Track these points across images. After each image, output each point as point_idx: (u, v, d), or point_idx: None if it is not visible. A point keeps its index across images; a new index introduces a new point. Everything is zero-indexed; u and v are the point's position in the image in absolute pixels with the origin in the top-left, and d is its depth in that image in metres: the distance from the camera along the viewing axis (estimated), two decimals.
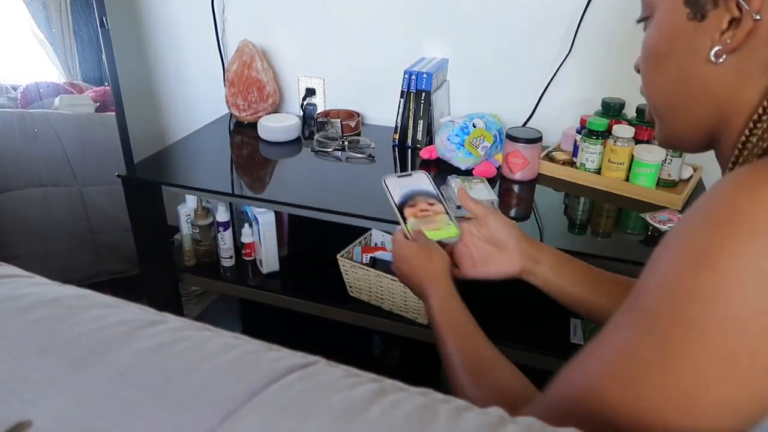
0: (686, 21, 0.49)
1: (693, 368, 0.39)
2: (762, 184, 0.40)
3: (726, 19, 0.47)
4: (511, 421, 0.37)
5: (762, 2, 0.45)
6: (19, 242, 1.79)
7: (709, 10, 0.48)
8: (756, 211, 0.39)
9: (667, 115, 0.57)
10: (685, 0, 0.49)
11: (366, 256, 1.37)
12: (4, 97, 1.76)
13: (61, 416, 0.37)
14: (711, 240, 0.40)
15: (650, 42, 0.54)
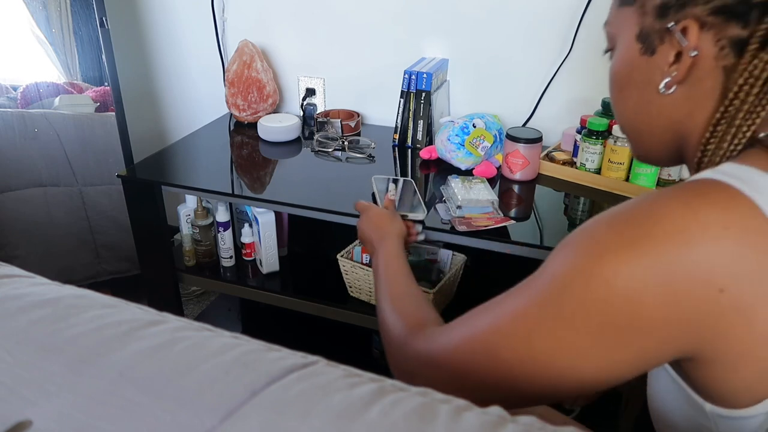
0: (640, 55, 0.56)
1: (574, 336, 0.46)
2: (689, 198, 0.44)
3: (672, 53, 0.52)
4: (511, 421, 0.37)
5: (698, 39, 0.50)
6: (19, 242, 1.79)
7: (657, 46, 0.54)
8: (661, 232, 0.43)
9: (635, 136, 0.62)
10: (636, 36, 0.56)
11: (366, 256, 1.37)
12: (4, 97, 1.76)
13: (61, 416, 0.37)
14: (610, 237, 0.45)
15: (613, 72, 0.61)
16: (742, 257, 0.42)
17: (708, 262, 0.42)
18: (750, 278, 0.42)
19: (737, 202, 0.44)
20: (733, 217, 0.43)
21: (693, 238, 0.43)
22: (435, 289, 1.24)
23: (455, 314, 0.57)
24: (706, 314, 0.43)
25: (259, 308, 1.86)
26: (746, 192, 0.44)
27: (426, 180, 1.42)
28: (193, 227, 1.51)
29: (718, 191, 0.45)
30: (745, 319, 0.43)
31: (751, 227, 0.43)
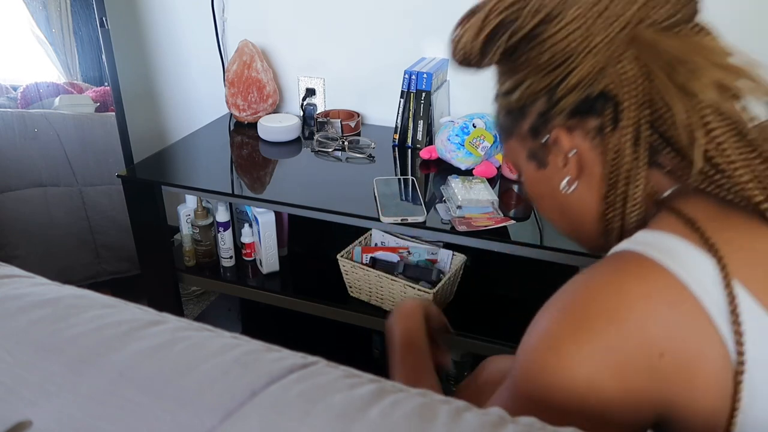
0: (537, 170, 0.62)
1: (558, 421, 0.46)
2: (609, 284, 0.48)
3: (559, 159, 0.59)
4: (511, 421, 0.37)
5: (570, 141, 0.57)
6: (19, 242, 1.79)
7: (546, 158, 0.60)
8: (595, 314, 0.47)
9: (576, 236, 0.66)
10: (527, 158, 0.63)
11: (366, 256, 1.37)
12: (4, 97, 1.76)
13: (61, 416, 0.37)
14: (561, 329, 0.48)
15: (526, 192, 0.67)
16: (668, 320, 0.46)
17: (641, 332, 0.46)
18: (681, 337, 0.46)
19: (651, 270, 0.47)
20: (651, 286, 0.47)
21: (621, 314, 0.46)
22: (435, 289, 1.24)
23: (455, 314, 0.57)
24: (655, 380, 0.46)
25: (259, 308, 1.86)
26: (657, 258, 0.48)
27: (426, 180, 1.42)
28: (193, 227, 1.51)
29: (633, 263, 0.49)
30: (688, 377, 0.46)
31: (667, 291, 0.46)
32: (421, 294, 1.25)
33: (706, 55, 0.51)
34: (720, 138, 0.49)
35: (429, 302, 0.92)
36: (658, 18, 0.52)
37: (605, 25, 0.52)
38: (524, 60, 0.57)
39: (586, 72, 0.53)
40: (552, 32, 0.54)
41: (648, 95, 0.52)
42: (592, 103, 0.54)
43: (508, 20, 0.57)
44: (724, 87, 0.50)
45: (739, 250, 0.47)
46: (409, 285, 1.26)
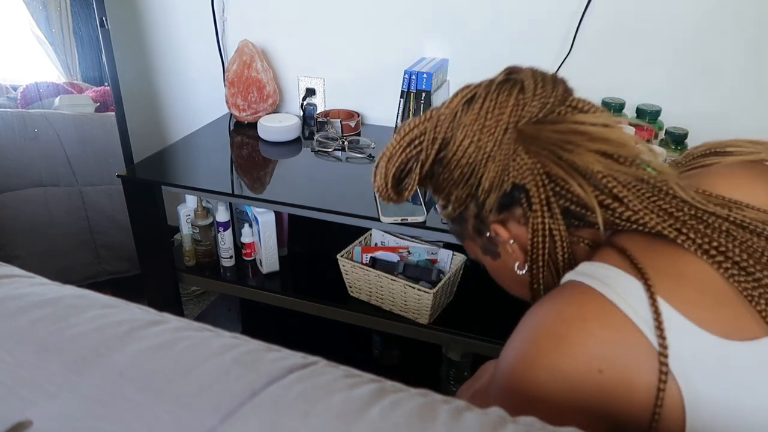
0: (494, 261, 0.71)
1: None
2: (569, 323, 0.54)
3: (506, 247, 0.67)
4: (511, 421, 0.37)
5: (508, 232, 0.65)
6: (19, 242, 1.79)
7: (496, 249, 0.69)
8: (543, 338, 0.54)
9: (535, 300, 0.71)
10: (482, 252, 0.72)
11: (366, 256, 1.37)
12: (4, 97, 1.76)
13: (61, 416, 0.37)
14: (521, 354, 0.55)
15: (493, 277, 0.76)
16: (604, 339, 0.52)
17: (581, 351, 0.52)
18: (617, 354, 0.51)
19: (588, 296, 0.54)
20: (587, 310, 0.54)
21: (562, 336, 0.53)
22: (435, 289, 1.24)
23: (455, 314, 0.58)
24: (599, 396, 0.51)
25: (259, 308, 1.86)
26: (593, 285, 0.54)
27: None
28: (193, 227, 1.51)
29: (573, 291, 0.56)
30: (629, 392, 0.51)
31: (601, 313, 0.53)
32: (421, 294, 1.25)
33: (583, 133, 0.59)
34: (615, 190, 0.58)
35: None
36: (532, 113, 0.61)
37: (489, 134, 0.61)
38: (442, 179, 0.66)
39: (493, 175, 0.62)
40: (452, 153, 0.63)
41: (548, 176, 0.60)
42: (510, 197, 0.62)
43: (411, 156, 0.66)
44: (605, 155, 0.58)
45: (665, 273, 0.54)
46: (409, 285, 1.26)
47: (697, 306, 0.52)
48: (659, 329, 0.50)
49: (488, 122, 0.61)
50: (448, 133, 0.64)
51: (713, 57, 1.38)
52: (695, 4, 1.34)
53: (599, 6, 1.41)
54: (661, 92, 1.44)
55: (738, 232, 0.55)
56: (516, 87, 0.62)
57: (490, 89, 0.63)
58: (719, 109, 1.41)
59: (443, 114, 0.65)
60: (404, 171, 0.68)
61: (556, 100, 0.61)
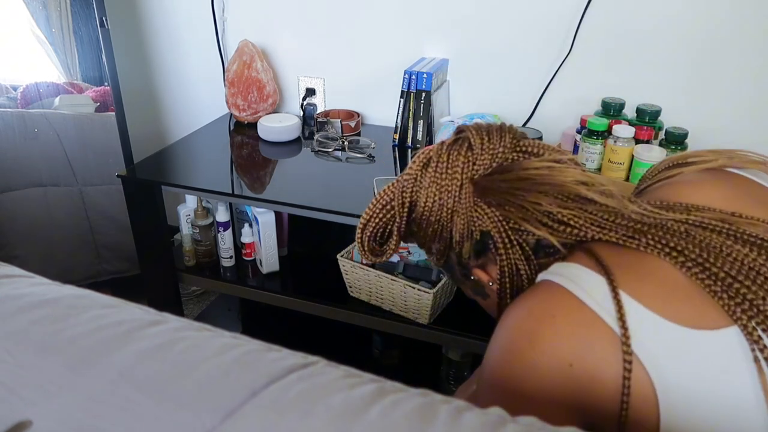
0: (484, 300, 0.78)
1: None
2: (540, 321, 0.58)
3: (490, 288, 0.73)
4: (512, 421, 0.37)
5: (487, 275, 0.71)
6: (19, 242, 1.79)
7: (484, 290, 0.75)
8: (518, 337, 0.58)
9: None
10: (473, 294, 0.78)
11: None
12: (4, 97, 1.76)
13: (61, 416, 0.37)
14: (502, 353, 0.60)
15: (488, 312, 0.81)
16: (572, 334, 0.56)
17: (551, 347, 0.56)
18: (585, 347, 0.55)
19: (556, 293, 0.59)
20: (555, 307, 0.58)
21: (534, 333, 0.57)
22: (435, 289, 1.24)
23: (455, 314, 0.58)
24: (571, 388, 0.54)
25: (259, 308, 1.86)
26: (562, 283, 0.59)
27: None
28: (193, 227, 1.51)
29: (543, 289, 0.61)
30: (599, 384, 0.54)
31: (569, 309, 0.57)
32: (421, 294, 1.25)
33: (527, 179, 0.65)
34: (560, 215, 0.63)
35: None
36: (485, 165, 0.67)
37: (447, 192, 0.67)
38: (420, 235, 0.72)
39: (461, 227, 0.67)
40: (420, 213, 0.70)
41: (506, 220, 0.65)
42: (482, 243, 0.68)
43: (387, 220, 0.73)
44: (549, 193, 0.64)
45: (629, 271, 0.58)
46: (409, 285, 1.26)
47: (660, 299, 0.56)
48: (621, 319, 0.54)
49: (444, 182, 0.67)
50: (413, 195, 0.70)
51: (713, 57, 1.38)
52: (695, 4, 1.34)
53: (599, 6, 1.41)
54: (661, 92, 1.44)
55: (697, 231, 0.60)
56: (464, 145, 0.68)
57: (441, 151, 0.69)
58: (719, 108, 1.41)
59: (405, 179, 0.71)
60: (384, 233, 0.75)
61: (505, 149, 0.67)
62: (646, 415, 0.53)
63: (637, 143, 1.29)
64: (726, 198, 0.65)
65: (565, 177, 0.65)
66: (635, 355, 0.53)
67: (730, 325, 0.54)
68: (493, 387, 0.59)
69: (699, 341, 0.54)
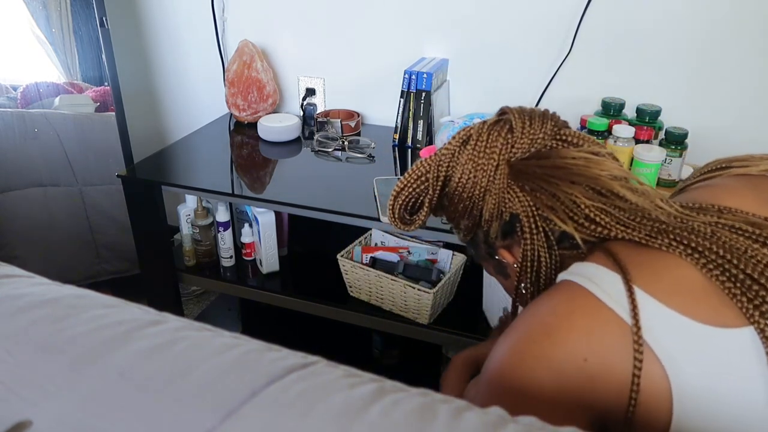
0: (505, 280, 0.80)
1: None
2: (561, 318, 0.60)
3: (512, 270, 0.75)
4: (512, 421, 0.37)
5: (512, 256, 0.73)
6: (19, 242, 1.79)
7: (505, 270, 0.77)
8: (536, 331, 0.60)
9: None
10: (495, 272, 0.80)
11: (366, 256, 1.37)
12: (4, 97, 1.76)
13: (61, 416, 0.37)
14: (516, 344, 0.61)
15: (505, 292, 0.83)
16: (590, 331, 0.57)
17: (568, 341, 0.57)
18: (600, 343, 0.56)
19: (577, 292, 0.60)
20: (575, 305, 0.59)
21: (553, 329, 0.59)
22: (435, 289, 1.24)
23: (455, 314, 0.58)
24: (583, 383, 0.56)
25: (259, 308, 1.86)
26: (581, 282, 0.60)
27: None
28: (193, 227, 1.51)
29: (564, 289, 0.62)
30: (613, 381, 0.55)
31: (587, 307, 0.58)
32: (421, 294, 1.25)
33: (563, 167, 0.66)
34: (587, 211, 0.64)
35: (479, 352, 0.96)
36: (523, 149, 0.67)
37: (483, 171, 0.68)
38: (451, 209, 0.74)
39: (491, 206, 0.69)
40: (453, 188, 0.71)
41: (536, 206, 0.66)
42: (510, 225, 0.69)
43: (420, 191, 0.74)
44: (583, 185, 0.65)
45: (647, 269, 0.59)
46: (409, 285, 1.26)
47: (676, 296, 0.57)
48: (633, 311, 0.55)
49: (481, 160, 0.68)
50: (449, 170, 0.71)
51: (713, 56, 1.38)
52: (695, 4, 1.34)
53: (599, 6, 1.41)
54: (661, 92, 1.44)
55: (723, 233, 0.60)
56: (505, 127, 0.68)
57: (482, 130, 0.69)
58: (719, 108, 1.41)
59: (443, 153, 0.71)
60: (416, 204, 0.76)
61: (545, 136, 0.68)
62: (658, 410, 0.54)
63: (637, 143, 1.29)
64: (759, 203, 0.65)
65: (601, 170, 0.65)
66: (650, 347, 0.54)
67: (746, 326, 0.55)
68: (501, 376, 0.60)
69: (713, 338, 0.54)
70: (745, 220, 0.62)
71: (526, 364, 0.58)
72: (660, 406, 0.54)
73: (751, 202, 0.65)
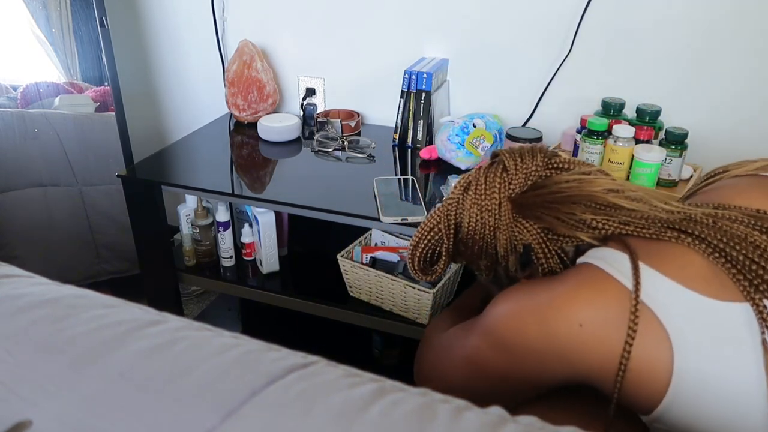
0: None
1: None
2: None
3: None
4: (512, 421, 0.37)
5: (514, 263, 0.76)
6: (19, 242, 1.79)
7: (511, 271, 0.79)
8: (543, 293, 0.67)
9: None
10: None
11: (366, 256, 1.37)
12: (4, 97, 1.76)
13: (61, 416, 0.37)
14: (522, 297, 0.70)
15: None
16: (592, 301, 0.63)
17: (567, 308, 0.63)
18: (601, 314, 0.62)
19: (590, 270, 0.66)
20: (583, 277, 0.65)
21: (556, 295, 0.65)
22: (435, 289, 1.24)
23: None
24: (574, 345, 0.62)
25: (259, 308, 1.86)
26: (594, 262, 0.66)
27: (426, 180, 1.42)
28: (193, 227, 1.51)
29: (579, 268, 0.68)
30: (605, 346, 0.61)
31: (596, 281, 0.64)
32: (421, 294, 1.25)
33: (559, 192, 0.71)
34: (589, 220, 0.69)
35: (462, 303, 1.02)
36: (519, 185, 0.73)
37: (487, 210, 0.73)
38: (468, 254, 0.79)
39: (504, 242, 0.74)
40: (465, 233, 0.76)
41: (544, 231, 0.71)
42: (526, 255, 0.74)
43: (435, 242, 0.79)
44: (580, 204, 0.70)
45: (654, 253, 0.64)
46: (409, 285, 1.26)
47: (682, 273, 0.62)
48: (635, 280, 0.61)
49: (484, 202, 0.74)
50: (458, 217, 0.76)
51: (713, 56, 1.38)
52: (695, 4, 1.34)
53: (599, 6, 1.41)
54: (661, 92, 1.44)
55: (724, 222, 0.65)
56: (500, 168, 0.74)
57: (479, 175, 0.75)
58: (719, 108, 1.41)
59: (449, 203, 0.77)
60: (434, 254, 0.81)
61: (538, 168, 0.73)
62: (653, 380, 0.59)
63: (637, 143, 1.29)
64: (759, 200, 0.69)
65: (594, 187, 0.70)
66: (654, 314, 0.59)
67: (744, 301, 0.59)
68: (495, 323, 0.68)
69: (716, 310, 0.59)
70: (744, 212, 0.66)
71: (522, 319, 0.66)
72: (657, 376, 0.59)
73: (751, 198, 0.69)
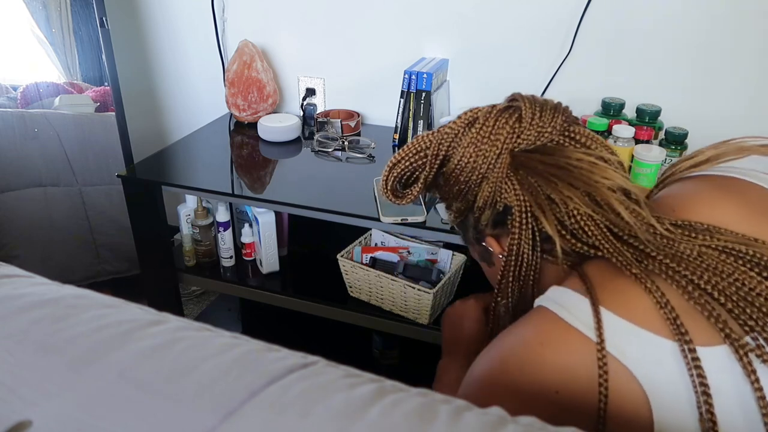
0: (489, 267, 0.79)
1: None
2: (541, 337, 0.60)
3: (496, 259, 0.73)
4: (512, 421, 0.37)
5: (499, 247, 0.71)
6: (19, 242, 1.79)
7: (490, 258, 0.76)
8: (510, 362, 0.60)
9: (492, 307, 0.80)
10: (480, 258, 0.79)
11: (366, 256, 1.37)
12: (4, 97, 1.76)
13: (61, 416, 0.37)
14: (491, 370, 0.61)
15: (487, 278, 0.84)
16: (560, 362, 0.57)
17: (539, 376, 0.57)
18: (572, 373, 0.56)
19: (549, 320, 0.60)
20: (546, 335, 0.59)
21: (525, 363, 0.58)
22: (435, 289, 1.24)
23: None
24: (553, 411, 0.55)
25: (259, 308, 1.86)
26: (554, 309, 0.60)
27: None
28: (193, 227, 1.51)
29: (537, 317, 0.62)
30: (583, 405, 0.55)
31: (558, 335, 0.58)
32: (421, 294, 1.25)
33: (565, 168, 0.63)
34: (574, 227, 0.63)
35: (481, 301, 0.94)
36: (528, 141, 0.65)
37: (483, 156, 0.65)
38: (445, 189, 0.72)
39: (486, 194, 0.67)
40: (451, 169, 0.69)
41: (530, 203, 0.64)
42: (503, 215, 0.67)
43: (417, 166, 0.72)
44: (582, 192, 0.62)
45: (619, 295, 0.59)
46: (409, 285, 1.26)
47: (648, 317, 0.56)
48: (598, 330, 0.56)
49: (483, 146, 0.65)
50: (450, 150, 0.68)
51: (713, 56, 1.38)
52: (695, 4, 1.34)
53: (599, 6, 1.41)
54: (661, 92, 1.44)
55: (712, 255, 0.59)
56: (514, 115, 0.65)
57: (489, 114, 0.66)
58: (719, 108, 1.41)
59: (446, 132, 0.68)
60: (411, 178, 0.74)
61: (554, 130, 0.65)
62: (637, 415, 0.54)
63: (637, 143, 1.29)
64: (742, 216, 0.63)
65: (604, 180, 0.62)
66: (615, 358, 0.54)
67: (720, 344, 0.55)
68: (475, 401, 0.60)
69: (689, 355, 0.54)
70: (737, 240, 0.60)
71: (498, 396, 0.58)
72: (638, 409, 0.54)
73: (733, 212, 0.63)
